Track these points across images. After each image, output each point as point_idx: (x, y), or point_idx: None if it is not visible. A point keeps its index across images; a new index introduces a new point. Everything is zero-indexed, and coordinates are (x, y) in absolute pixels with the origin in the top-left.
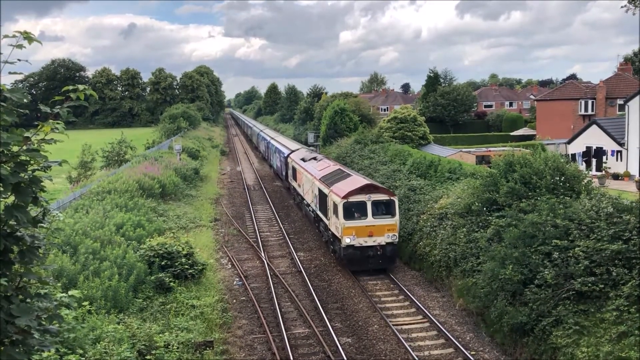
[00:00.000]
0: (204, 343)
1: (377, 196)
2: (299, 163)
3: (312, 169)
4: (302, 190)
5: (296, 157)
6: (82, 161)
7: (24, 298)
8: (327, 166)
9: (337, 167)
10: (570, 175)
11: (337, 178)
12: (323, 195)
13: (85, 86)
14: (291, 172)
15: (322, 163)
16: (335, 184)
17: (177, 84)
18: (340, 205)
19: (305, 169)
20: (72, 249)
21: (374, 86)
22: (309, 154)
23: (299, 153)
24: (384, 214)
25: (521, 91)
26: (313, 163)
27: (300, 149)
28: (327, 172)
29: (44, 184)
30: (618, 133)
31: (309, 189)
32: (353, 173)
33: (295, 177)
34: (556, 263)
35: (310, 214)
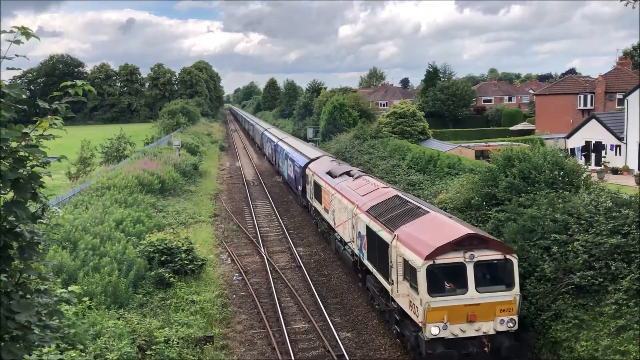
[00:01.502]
0: (204, 338)
1: (483, 254)
2: (326, 179)
3: (349, 191)
4: (333, 218)
5: (319, 170)
6: (81, 157)
7: (24, 294)
8: (374, 189)
9: (393, 191)
10: (569, 170)
11: (402, 214)
12: (376, 240)
13: (83, 82)
14: (312, 189)
15: (361, 182)
16: (404, 227)
17: (176, 79)
18: (422, 270)
19: (337, 189)
20: (71, 244)
21: (373, 81)
22: (337, 166)
23: (322, 164)
24: (494, 284)
25: (520, 86)
26: (348, 181)
27: (323, 157)
28: (378, 201)
29: (43, 179)
30: (617, 127)
31: (345, 220)
32: (426, 206)
33: (318, 197)
34: (555, 257)
35: (347, 256)
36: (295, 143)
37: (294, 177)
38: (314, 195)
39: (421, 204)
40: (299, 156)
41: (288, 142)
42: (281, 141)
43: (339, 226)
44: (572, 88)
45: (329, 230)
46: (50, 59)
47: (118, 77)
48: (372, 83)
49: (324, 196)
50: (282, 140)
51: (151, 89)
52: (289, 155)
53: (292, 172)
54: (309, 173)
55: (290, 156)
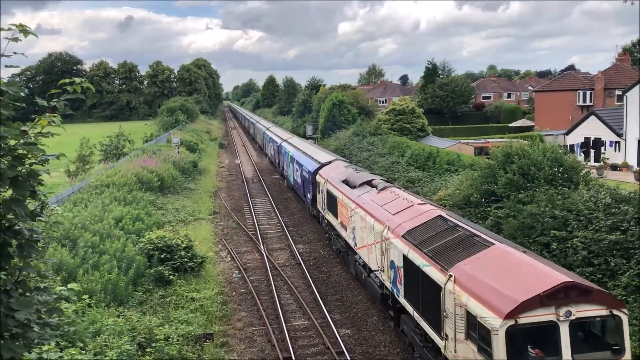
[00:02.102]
0: (204, 335)
1: (583, 309)
2: (342, 190)
3: (374, 206)
4: (353, 237)
5: (333, 177)
6: (80, 155)
7: (24, 292)
8: (407, 205)
9: (434, 210)
10: (569, 166)
11: (455, 244)
12: (420, 276)
13: (82, 79)
14: (324, 199)
15: (389, 195)
16: (463, 265)
17: (175, 77)
18: (501, 334)
19: (359, 204)
20: (71, 242)
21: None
22: (355, 174)
23: (335, 170)
24: (596, 349)
25: (519, 82)
26: (371, 194)
27: (335, 162)
28: (416, 223)
29: (42, 177)
30: (616, 124)
31: (370, 243)
32: (485, 233)
33: (333, 209)
34: (555, 254)
35: (373, 287)
36: (302, 144)
37: (302, 183)
38: (327, 206)
39: (477, 229)
40: (308, 160)
41: (294, 144)
42: (285, 142)
43: (361, 248)
44: (572, 84)
45: (346, 250)
46: (48, 57)
47: (117, 75)
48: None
49: (341, 210)
50: (287, 141)
51: (150, 87)
52: (295, 158)
53: (300, 177)
54: (321, 180)
55: (297, 160)
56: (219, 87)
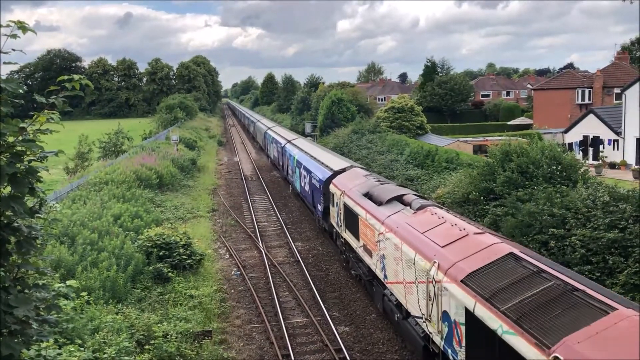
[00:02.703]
0: (202, 333)
1: None
2: (365, 206)
3: (413, 233)
4: (381, 267)
5: (351, 189)
6: (79, 152)
7: (22, 289)
8: (461, 235)
9: (500, 244)
10: (567, 165)
11: (554, 303)
12: (498, 346)
13: (80, 76)
14: (340, 213)
15: (430, 217)
16: (575, 344)
17: (174, 74)
18: None
19: (390, 227)
20: (69, 239)
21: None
22: (378, 186)
23: (353, 179)
24: None
25: (518, 80)
26: (405, 214)
27: (352, 170)
28: (479, 263)
29: (41, 174)
30: (615, 122)
31: (409, 281)
32: (588, 285)
33: (352, 228)
34: (553, 252)
35: (411, 334)
36: (309, 147)
37: (311, 192)
38: (344, 223)
39: (574, 277)
40: (318, 166)
41: (300, 146)
42: (290, 144)
43: (395, 284)
44: (570, 83)
45: (371, 279)
46: (47, 54)
47: (116, 72)
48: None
49: (364, 230)
50: (292, 143)
51: (149, 84)
52: (302, 163)
53: (308, 185)
54: (335, 192)
55: (305, 165)
56: (217, 84)
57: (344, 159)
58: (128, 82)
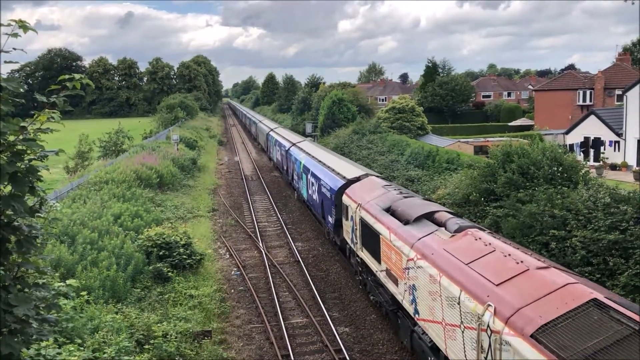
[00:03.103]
0: (202, 333)
1: None
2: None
3: (457, 265)
4: (412, 300)
5: (369, 202)
6: (79, 151)
7: (22, 288)
8: (520, 269)
9: (578, 286)
10: (568, 166)
11: None
12: None
13: (81, 75)
14: (355, 229)
15: (478, 246)
16: None
17: (175, 73)
18: None
19: (424, 254)
20: (69, 239)
21: (372, 76)
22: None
23: (370, 190)
24: None
25: (519, 81)
26: (440, 237)
27: (368, 178)
28: (553, 311)
29: (41, 173)
30: (616, 123)
31: (453, 325)
32: None
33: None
34: (553, 253)
35: None
36: (318, 152)
37: (320, 201)
38: (360, 240)
39: None
40: (329, 174)
41: (307, 150)
42: (296, 147)
43: (429, 322)
44: (571, 84)
45: (396, 309)
46: (48, 53)
47: (116, 71)
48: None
49: (387, 252)
50: (298, 146)
51: (149, 83)
52: (310, 169)
53: (317, 194)
54: (350, 203)
55: (314, 172)
56: (218, 84)
57: (357, 165)
58: (129, 81)
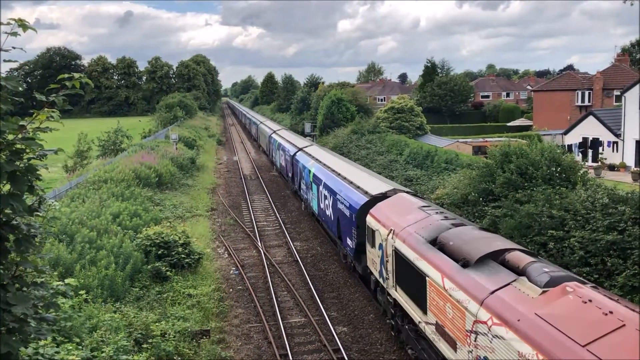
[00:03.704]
0: (200, 332)
1: None
2: (438, 264)
3: (562, 343)
4: None
5: (406, 229)
6: (78, 150)
7: (20, 287)
8: None
9: None
10: (567, 166)
11: None
12: None
13: (80, 74)
14: (386, 261)
15: (583, 310)
16: None
17: (174, 73)
18: None
19: (505, 319)
20: (68, 238)
21: (372, 76)
22: (448, 227)
23: (403, 211)
24: None
25: (518, 82)
26: (523, 293)
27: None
28: None
29: (40, 172)
30: (614, 124)
31: None
32: None
33: (411, 291)
34: (552, 253)
35: None
36: (331, 160)
37: (335, 219)
38: (394, 276)
39: None
40: (348, 187)
41: (317, 157)
42: (303, 153)
43: None
44: (570, 84)
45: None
46: (47, 52)
47: (115, 70)
48: (370, 78)
49: (437, 301)
50: (306, 152)
51: (148, 83)
52: (322, 180)
53: (332, 210)
54: (377, 227)
55: (327, 183)
56: (217, 83)
57: (380, 177)
58: (128, 80)
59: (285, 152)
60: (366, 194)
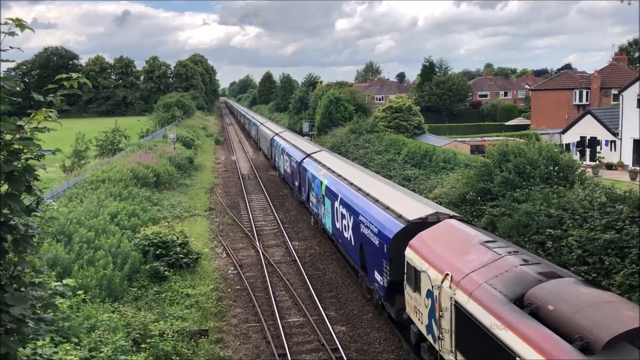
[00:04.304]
0: (199, 332)
1: None
2: (540, 342)
3: None
4: None
5: (464, 272)
6: (76, 150)
7: (18, 287)
8: None
9: None
10: (564, 165)
11: None
12: None
13: (78, 74)
14: (440, 315)
15: None
16: None
17: (171, 72)
18: None
19: None
20: (66, 238)
21: (370, 75)
22: (532, 277)
23: (456, 245)
24: None
25: (516, 81)
26: None
27: (448, 224)
28: None
29: (38, 172)
30: (612, 123)
31: None
32: None
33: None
34: (550, 252)
35: None
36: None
37: (357, 245)
38: (454, 339)
39: None
40: (374, 208)
41: (330, 166)
42: (312, 160)
43: None
44: (568, 83)
45: None
46: (44, 51)
47: (113, 70)
48: (368, 77)
49: None
50: (314, 159)
51: (146, 82)
52: (339, 196)
53: (353, 234)
54: (425, 268)
55: (346, 201)
56: (215, 83)
57: (415, 196)
58: (125, 80)
59: (290, 158)
60: (400, 218)
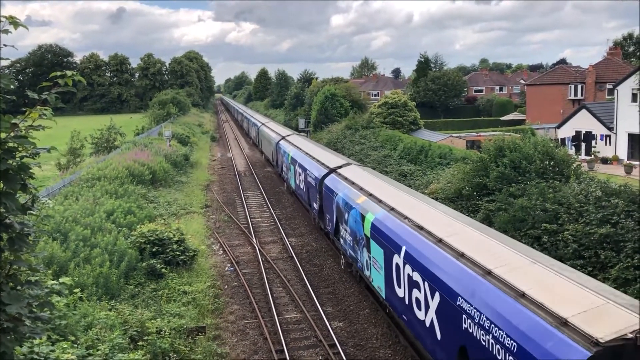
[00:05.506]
0: (196, 329)
1: None
2: None
3: None
4: None
5: None
6: (71, 148)
7: (15, 286)
8: None
9: None
10: (560, 160)
11: None
12: None
13: (73, 72)
14: None
15: None
16: None
17: (167, 69)
18: None
19: None
20: (62, 236)
21: (365, 71)
22: None
23: None
24: None
25: (511, 76)
26: None
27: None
28: None
29: (33, 170)
30: (607, 117)
31: None
32: None
33: None
34: (545, 247)
35: None
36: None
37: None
38: None
39: None
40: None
41: (369, 190)
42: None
43: None
44: (563, 78)
45: None
46: (38, 49)
47: (108, 67)
48: (363, 73)
49: None
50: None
51: (141, 79)
52: (401, 247)
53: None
54: None
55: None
56: (210, 79)
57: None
58: (120, 77)
59: (305, 173)
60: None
